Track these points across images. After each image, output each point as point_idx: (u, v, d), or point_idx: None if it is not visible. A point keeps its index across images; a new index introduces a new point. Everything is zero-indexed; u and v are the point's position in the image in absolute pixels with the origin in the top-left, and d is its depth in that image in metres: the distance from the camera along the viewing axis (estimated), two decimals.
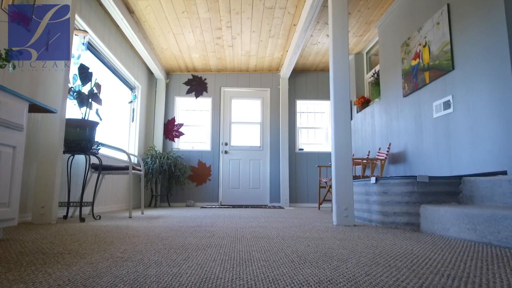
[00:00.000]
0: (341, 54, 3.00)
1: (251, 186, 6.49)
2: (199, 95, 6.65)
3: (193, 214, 3.93)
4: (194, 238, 1.98)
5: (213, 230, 2.40)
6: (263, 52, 5.86)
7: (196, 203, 6.33)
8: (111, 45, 4.58)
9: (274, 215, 3.95)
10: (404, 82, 4.25)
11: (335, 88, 2.96)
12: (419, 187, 2.61)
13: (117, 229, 2.42)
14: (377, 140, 5.02)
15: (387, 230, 2.53)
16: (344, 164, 2.84)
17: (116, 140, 5.20)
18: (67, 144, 3.02)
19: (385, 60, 4.83)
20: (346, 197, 2.80)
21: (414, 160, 4.02)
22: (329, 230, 2.43)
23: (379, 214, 2.81)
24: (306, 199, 6.44)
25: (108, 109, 4.79)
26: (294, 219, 3.35)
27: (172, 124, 6.57)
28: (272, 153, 6.54)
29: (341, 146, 2.87)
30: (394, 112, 4.53)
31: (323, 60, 6.30)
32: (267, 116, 6.68)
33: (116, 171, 3.53)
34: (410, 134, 4.10)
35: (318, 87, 6.78)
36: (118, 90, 5.28)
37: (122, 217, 3.52)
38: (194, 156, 6.47)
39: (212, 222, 3.01)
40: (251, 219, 3.30)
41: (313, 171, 6.52)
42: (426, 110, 3.79)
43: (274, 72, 6.75)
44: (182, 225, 2.68)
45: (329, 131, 6.71)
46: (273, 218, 3.44)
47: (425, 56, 3.83)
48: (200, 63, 6.28)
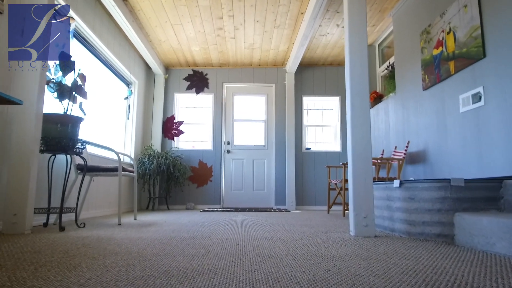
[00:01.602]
0: (359, 38, 2.61)
1: (255, 187, 6.11)
2: (200, 91, 6.28)
3: (191, 220, 3.56)
4: (184, 257, 1.60)
5: (209, 244, 2.02)
6: (268, 44, 5.47)
7: (196, 205, 5.96)
8: (103, 35, 4.21)
9: (281, 221, 3.56)
10: (424, 74, 3.85)
11: (352, 77, 2.57)
12: (453, 192, 2.21)
13: (96, 242, 2.04)
14: (392, 138, 4.61)
15: (416, 243, 2.13)
16: (363, 165, 2.45)
17: (111, 139, 4.84)
18: (46, 142, 2.65)
19: (401, 51, 4.43)
20: (366, 203, 2.41)
21: (436, 160, 3.61)
22: (348, 244, 2.04)
23: (404, 223, 2.41)
24: (313, 202, 6.05)
25: (101, 106, 4.44)
26: (304, 227, 2.96)
27: (171, 122, 6.20)
28: (277, 153, 6.15)
29: (360, 144, 2.48)
30: (412, 107, 4.12)
31: (332, 53, 5.90)
32: (272, 114, 6.29)
33: (105, 172, 3.16)
34: (431, 131, 3.70)
35: (326, 83, 6.38)
36: (113, 85, 4.91)
37: (111, 224, 3.16)
38: (194, 156, 6.10)
39: (211, 231, 2.63)
40: (255, 227, 2.91)
41: (321, 171, 6.12)
42: (450, 104, 3.39)
43: (279, 66, 6.36)
44: (175, 236, 2.30)
45: (338, 129, 6.31)
46: (280, 226, 3.06)
47: (449, 44, 3.43)
48: (201, 57, 5.90)
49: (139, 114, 5.70)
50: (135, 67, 5.43)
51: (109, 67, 4.66)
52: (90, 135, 4.11)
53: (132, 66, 5.29)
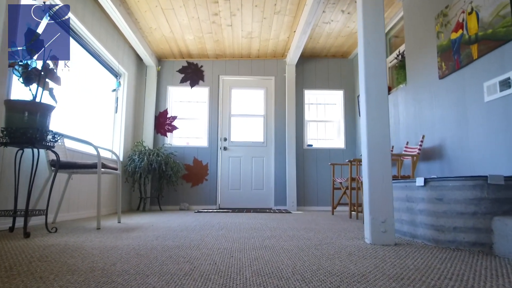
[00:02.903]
0: (375, 15, 2.24)
1: (253, 187, 5.73)
2: (195, 85, 5.89)
3: (182, 223, 3.18)
4: (160, 278, 1.22)
5: (196, 256, 1.64)
6: (267, 33, 5.09)
7: (191, 206, 5.58)
8: (85, 19, 3.83)
9: (282, 224, 3.19)
10: (441, 61, 3.48)
11: (367, 61, 2.20)
12: (491, 192, 1.84)
13: (58, 253, 1.66)
14: (402, 133, 4.24)
15: (448, 253, 1.76)
16: (380, 161, 2.08)
17: (97, 134, 4.45)
18: (9, 133, 2.27)
19: (413, 38, 4.06)
20: (384, 206, 2.03)
21: (454, 156, 3.24)
22: (367, 255, 1.67)
23: (430, 228, 2.04)
24: (316, 202, 5.67)
25: (85, 98, 4.05)
26: (309, 232, 2.59)
27: (164, 117, 5.82)
28: (277, 150, 5.78)
29: (376, 138, 2.10)
30: (426, 99, 3.75)
31: (335, 44, 5.53)
32: (272, 108, 5.92)
33: (82, 169, 2.78)
34: (449, 124, 3.33)
35: (329, 75, 6.01)
36: (98, 76, 4.53)
37: (89, 228, 2.77)
38: (189, 153, 5.72)
39: (201, 238, 2.25)
40: (253, 232, 2.54)
41: (323, 170, 5.75)
42: (472, 93, 3.02)
43: (279, 58, 5.98)
44: (157, 245, 1.93)
45: (341, 125, 5.94)
46: (281, 230, 2.68)
47: (471, 26, 3.06)
48: (196, 47, 5.52)
49: (129, 108, 5.32)
50: (124, 57, 5.05)
51: (94, 55, 4.28)
52: (72, 129, 3.72)
53: (120, 56, 4.90)
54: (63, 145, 3.14)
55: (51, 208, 3.19)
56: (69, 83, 3.72)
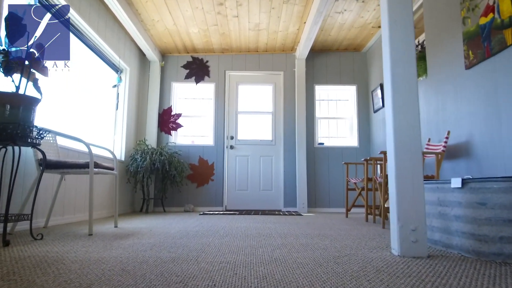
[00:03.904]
0: None
1: (261, 187, 5.46)
2: (200, 80, 5.64)
3: (183, 228, 2.92)
4: None
5: (193, 273, 1.36)
6: (276, 24, 4.80)
7: (196, 207, 5.32)
8: (82, 9, 3.59)
9: (293, 229, 2.90)
10: (468, 50, 3.15)
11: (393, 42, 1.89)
12: None
13: (30, 268, 1.41)
14: (423, 129, 3.92)
15: (494, 269, 1.46)
16: (409, 159, 1.78)
17: (97, 133, 4.22)
18: None
19: (434, 26, 3.73)
20: (415, 211, 1.74)
21: (484, 154, 2.92)
22: (399, 273, 1.38)
23: (469, 238, 1.74)
24: (327, 203, 5.37)
25: (84, 95, 3.82)
26: (325, 239, 2.30)
27: (168, 114, 5.57)
28: (287, 148, 5.49)
29: (405, 132, 1.81)
30: (450, 92, 3.43)
31: (348, 36, 5.21)
32: (280, 105, 5.63)
33: (74, 169, 2.53)
34: (478, 119, 3.00)
35: (341, 70, 5.70)
36: (98, 71, 4.29)
37: (80, 234, 2.52)
38: (194, 152, 5.46)
39: (201, 247, 1.98)
40: (262, 240, 2.26)
41: (335, 169, 5.44)
42: (506, 83, 2.69)
43: (289, 52, 5.69)
44: (149, 258, 1.66)
45: (354, 122, 5.62)
46: (293, 237, 2.40)
47: (504, 8, 2.73)
48: (200, 41, 5.26)
49: (132, 106, 5.08)
50: (125, 51, 4.81)
51: (92, 48, 4.04)
52: (69, 126, 3.49)
53: (121, 50, 4.67)
54: (55, 143, 2.90)
55: (43, 211, 2.96)
56: (65, 78, 3.49)
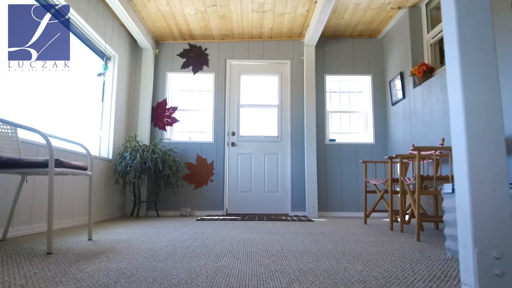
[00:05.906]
0: None
1: (266, 189, 4.90)
2: (198, 70, 5.09)
3: (172, 241, 2.37)
4: None
5: None
6: (283, 5, 4.24)
7: (194, 211, 4.78)
8: None
9: (309, 243, 2.35)
10: None
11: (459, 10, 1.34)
12: None
13: None
14: None
15: None
16: (489, 154, 1.22)
17: (78, 128, 3.68)
18: None
19: None
20: (500, 231, 1.18)
21: None
22: None
23: None
24: (340, 207, 4.81)
25: (62, 84, 3.28)
26: (355, 261, 1.74)
27: (162, 108, 5.03)
28: (294, 145, 4.93)
29: (482, 117, 1.25)
30: None
31: (363, 19, 4.65)
32: (287, 97, 5.07)
33: (29, 169, 1.99)
34: None
35: (354, 59, 5.13)
36: (78, 57, 3.75)
37: (36, 251, 1.98)
38: (191, 150, 4.92)
39: (188, 278, 1.42)
40: (271, 264, 1.70)
41: (349, 168, 4.88)
42: None
43: (296, 38, 5.13)
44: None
45: (369, 116, 5.06)
46: (312, 259, 1.84)
47: None
48: (198, 25, 4.70)
49: (121, 98, 4.54)
50: (113, 36, 4.27)
51: (72, 30, 3.50)
52: (43, 120, 2.95)
53: (108, 35, 4.12)
54: (15, 136, 2.36)
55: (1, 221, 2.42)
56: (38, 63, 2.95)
